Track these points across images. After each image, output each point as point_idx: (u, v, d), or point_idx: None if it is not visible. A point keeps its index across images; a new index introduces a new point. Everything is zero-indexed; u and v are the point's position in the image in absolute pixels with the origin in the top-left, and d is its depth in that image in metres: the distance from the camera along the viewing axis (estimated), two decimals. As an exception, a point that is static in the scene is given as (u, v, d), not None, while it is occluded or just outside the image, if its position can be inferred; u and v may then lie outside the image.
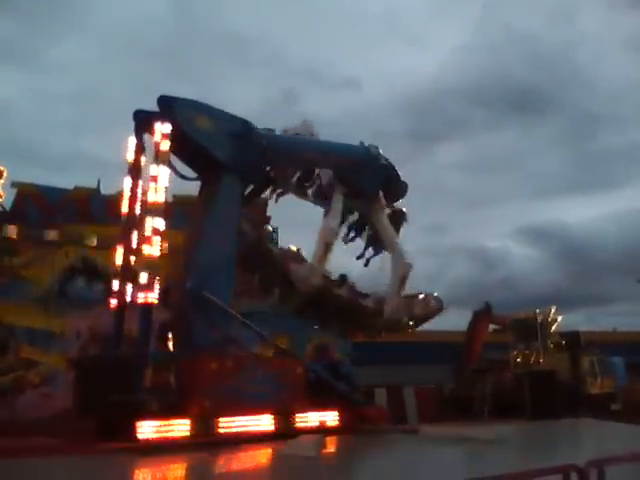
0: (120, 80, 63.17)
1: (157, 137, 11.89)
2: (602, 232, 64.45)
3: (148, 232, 11.54)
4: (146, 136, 12.53)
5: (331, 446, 11.28)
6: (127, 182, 12.77)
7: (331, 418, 12.88)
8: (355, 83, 79.15)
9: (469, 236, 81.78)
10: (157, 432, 10.26)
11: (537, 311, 25.86)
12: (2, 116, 58.66)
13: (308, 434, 11.14)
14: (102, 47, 63.83)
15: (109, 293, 12.41)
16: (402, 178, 15.82)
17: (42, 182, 19.61)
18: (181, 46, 63.87)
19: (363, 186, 15.37)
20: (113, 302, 12.42)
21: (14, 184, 18.90)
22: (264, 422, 11.65)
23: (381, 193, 15.67)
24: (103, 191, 20.23)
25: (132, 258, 12.32)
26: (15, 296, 17.23)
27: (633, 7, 71.39)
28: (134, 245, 12.36)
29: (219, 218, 12.82)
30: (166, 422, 10.40)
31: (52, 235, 18.19)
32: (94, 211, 19.36)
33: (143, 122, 12.44)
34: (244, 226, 14.12)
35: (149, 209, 11.70)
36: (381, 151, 15.67)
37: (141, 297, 11.28)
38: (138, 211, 12.40)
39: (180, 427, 10.57)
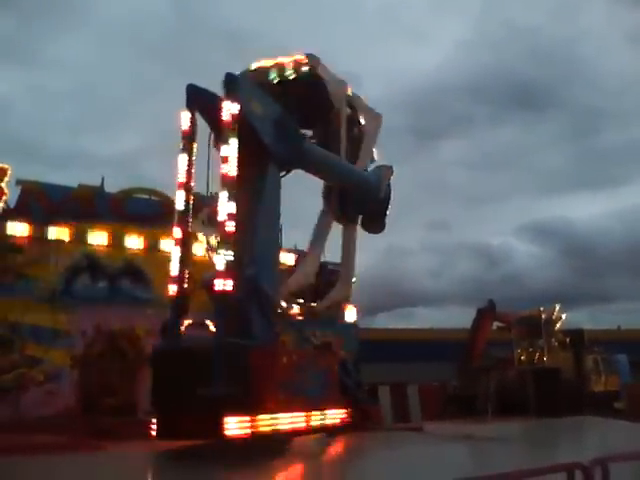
0: (120, 77, 63.29)
1: (226, 116, 11.44)
2: (606, 229, 64.31)
3: (222, 217, 11.01)
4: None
5: (335, 443, 11.30)
6: (182, 160, 12.26)
7: (345, 415, 12.94)
8: (355, 79, 78.70)
9: (472, 233, 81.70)
10: (240, 428, 9.97)
11: (541, 309, 25.82)
12: (1, 113, 58.74)
13: (314, 432, 11.18)
14: (101, 44, 63.87)
15: (113, 290, 12.25)
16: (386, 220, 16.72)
17: (41, 179, 19.63)
18: (180, 43, 63.83)
19: (351, 209, 16.04)
20: (172, 288, 11.95)
21: (18, 182, 18.89)
22: (313, 418, 11.60)
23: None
24: (107, 189, 20.31)
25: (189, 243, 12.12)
26: (19, 294, 17.23)
27: (635, 2, 71.10)
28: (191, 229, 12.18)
29: (266, 207, 12.58)
30: (248, 418, 10.04)
31: (56, 233, 18.18)
32: (98, 209, 19.38)
33: (195, 98, 12.20)
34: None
35: (223, 189, 11.17)
36: (392, 177, 16.63)
37: (219, 285, 10.74)
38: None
39: (261, 422, 10.28)
